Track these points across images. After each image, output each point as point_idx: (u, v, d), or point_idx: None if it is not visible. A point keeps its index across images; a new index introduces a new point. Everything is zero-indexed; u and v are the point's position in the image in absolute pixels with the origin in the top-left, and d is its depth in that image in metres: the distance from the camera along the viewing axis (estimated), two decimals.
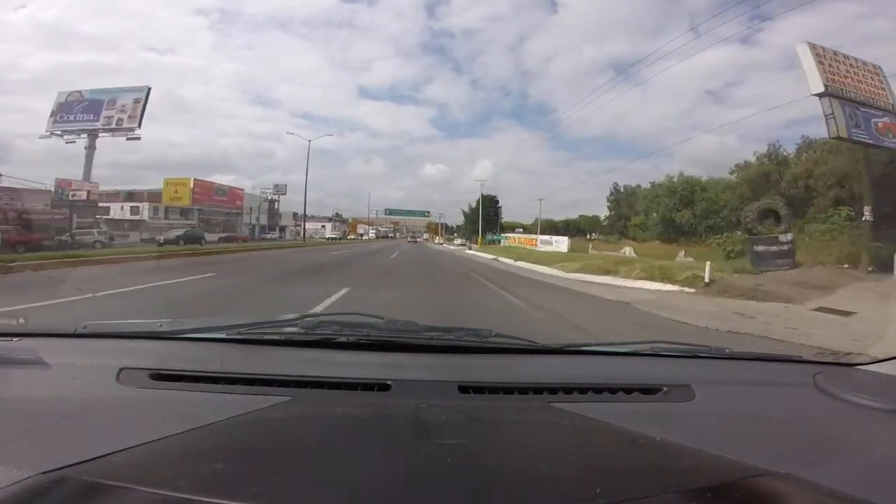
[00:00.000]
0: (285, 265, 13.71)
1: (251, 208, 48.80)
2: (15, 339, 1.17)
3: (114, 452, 0.64)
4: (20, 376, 1.00)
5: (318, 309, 5.59)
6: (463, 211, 66.99)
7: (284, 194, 56.37)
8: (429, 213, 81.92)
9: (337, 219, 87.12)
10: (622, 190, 49.46)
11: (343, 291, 7.20)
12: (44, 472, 0.58)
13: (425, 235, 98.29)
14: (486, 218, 52.01)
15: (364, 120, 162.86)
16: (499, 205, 60.45)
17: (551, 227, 51.00)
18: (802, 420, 0.97)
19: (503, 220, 59.58)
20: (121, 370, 0.97)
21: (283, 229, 57.09)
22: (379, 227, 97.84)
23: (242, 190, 48.85)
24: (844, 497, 0.63)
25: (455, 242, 58.62)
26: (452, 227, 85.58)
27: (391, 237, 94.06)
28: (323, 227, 73.00)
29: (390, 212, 79.43)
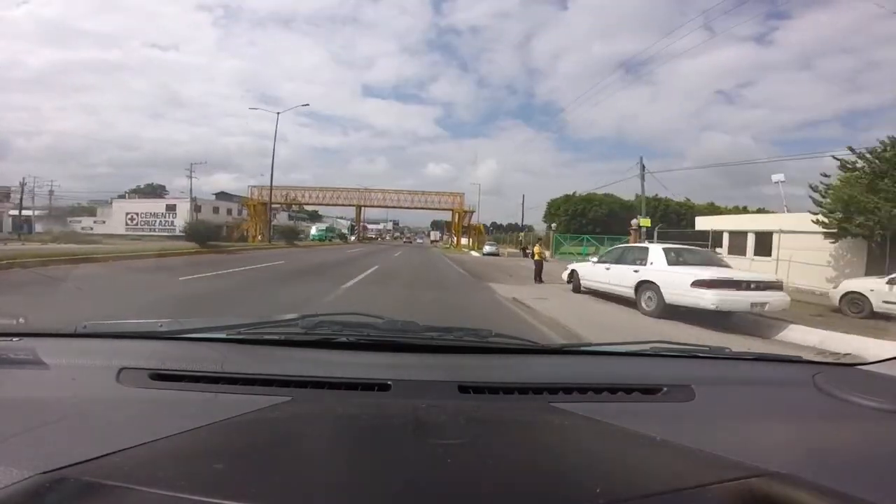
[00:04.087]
0: None
1: None
2: (14, 339, 1.17)
3: (114, 452, 0.64)
4: (20, 376, 1.00)
5: None
6: None
7: None
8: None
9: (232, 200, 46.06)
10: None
11: None
12: (44, 472, 0.58)
13: (434, 235, 61.94)
14: None
15: (368, 119, 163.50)
16: None
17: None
18: (802, 420, 0.97)
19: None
20: (121, 370, 0.97)
21: None
22: (370, 226, 64.60)
23: None
24: (844, 497, 0.62)
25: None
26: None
27: (365, 238, 56.37)
28: (170, 209, 38.63)
29: None
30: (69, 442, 0.71)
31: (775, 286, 7.05)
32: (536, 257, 12.81)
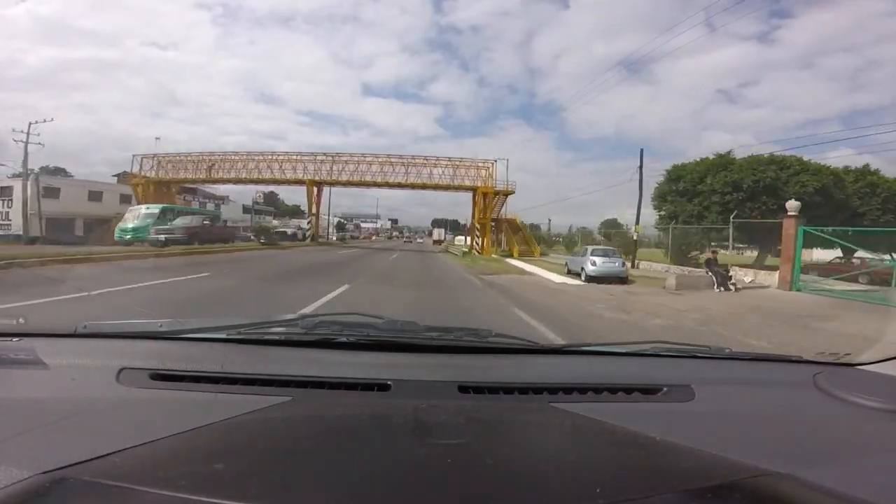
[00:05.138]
0: None
1: None
2: (14, 339, 1.17)
3: (114, 452, 0.64)
4: (20, 376, 1.00)
5: None
6: None
7: None
8: None
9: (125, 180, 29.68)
10: None
11: None
12: (44, 472, 0.58)
13: (437, 234, 49.62)
14: None
15: (368, 118, 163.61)
16: None
17: None
18: (802, 420, 0.97)
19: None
20: (121, 370, 0.97)
21: None
22: (364, 225, 54.85)
23: None
24: (844, 497, 0.62)
25: None
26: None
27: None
28: (4, 194, 28.21)
29: None
30: (69, 442, 0.71)
31: None
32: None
